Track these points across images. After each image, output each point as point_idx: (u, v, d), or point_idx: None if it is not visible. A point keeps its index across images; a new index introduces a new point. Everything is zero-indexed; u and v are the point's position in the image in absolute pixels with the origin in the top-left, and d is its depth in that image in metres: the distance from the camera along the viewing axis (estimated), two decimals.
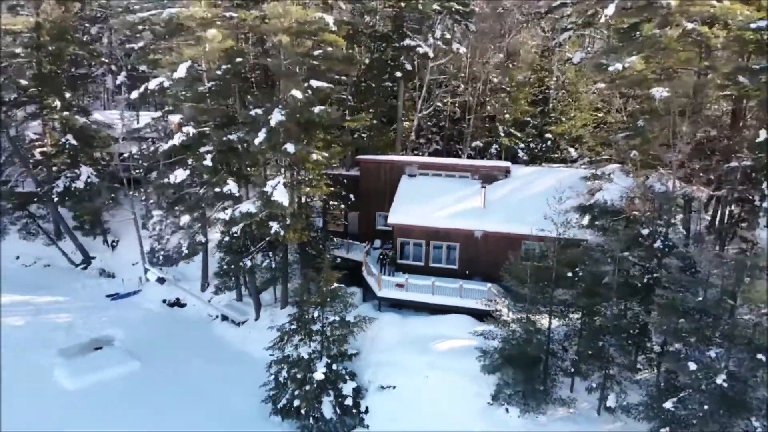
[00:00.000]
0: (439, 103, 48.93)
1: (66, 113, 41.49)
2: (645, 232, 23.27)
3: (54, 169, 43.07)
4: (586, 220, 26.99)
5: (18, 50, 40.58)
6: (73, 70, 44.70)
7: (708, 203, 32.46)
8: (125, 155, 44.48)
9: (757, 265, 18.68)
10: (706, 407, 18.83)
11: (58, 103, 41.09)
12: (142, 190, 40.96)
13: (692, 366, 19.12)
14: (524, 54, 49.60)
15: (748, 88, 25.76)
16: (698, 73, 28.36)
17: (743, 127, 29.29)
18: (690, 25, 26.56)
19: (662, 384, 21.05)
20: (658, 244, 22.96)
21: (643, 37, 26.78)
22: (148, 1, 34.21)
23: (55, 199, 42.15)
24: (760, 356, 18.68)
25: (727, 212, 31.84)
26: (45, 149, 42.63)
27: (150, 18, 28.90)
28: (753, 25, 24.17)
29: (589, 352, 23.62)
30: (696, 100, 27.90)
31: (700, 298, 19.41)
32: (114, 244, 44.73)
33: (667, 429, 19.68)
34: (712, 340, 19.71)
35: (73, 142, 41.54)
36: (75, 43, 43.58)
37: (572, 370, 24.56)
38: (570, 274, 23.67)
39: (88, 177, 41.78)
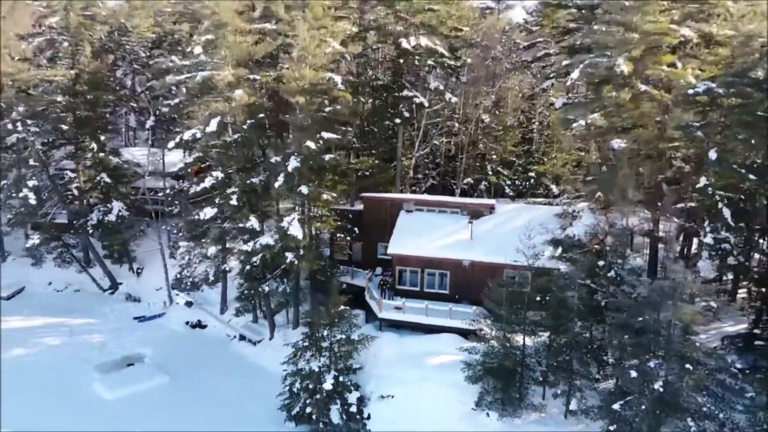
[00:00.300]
0: (435, 142, 52.41)
1: (101, 154, 45.00)
2: (601, 263, 27.46)
3: (85, 203, 46.54)
4: (558, 252, 30.77)
5: (58, 98, 44.09)
6: (107, 115, 48.30)
7: (678, 235, 36.45)
8: (160, 194, 47.78)
9: (683, 292, 22.97)
10: (643, 407, 22.96)
11: (94, 146, 44.66)
12: (173, 224, 44.03)
13: (633, 374, 23.24)
14: (512, 99, 53.89)
15: (696, 139, 29.99)
16: (656, 125, 32.38)
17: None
18: (643, 87, 31.02)
19: (612, 390, 25.09)
20: (611, 273, 27.21)
21: (603, 97, 31.09)
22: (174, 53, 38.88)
23: (90, 231, 45.48)
24: (687, 366, 22.87)
25: (695, 243, 35.78)
26: (79, 185, 45.92)
27: (186, 80, 33.53)
28: (690, 91, 28.49)
29: (556, 365, 27.36)
30: (657, 148, 32.04)
31: (640, 319, 23.62)
32: (139, 271, 47.65)
33: (615, 426, 23.76)
34: (651, 353, 23.74)
35: (107, 179, 44.94)
36: (108, 91, 47.05)
37: (542, 379, 28.19)
38: (540, 299, 27.43)
39: (119, 211, 45.19)
